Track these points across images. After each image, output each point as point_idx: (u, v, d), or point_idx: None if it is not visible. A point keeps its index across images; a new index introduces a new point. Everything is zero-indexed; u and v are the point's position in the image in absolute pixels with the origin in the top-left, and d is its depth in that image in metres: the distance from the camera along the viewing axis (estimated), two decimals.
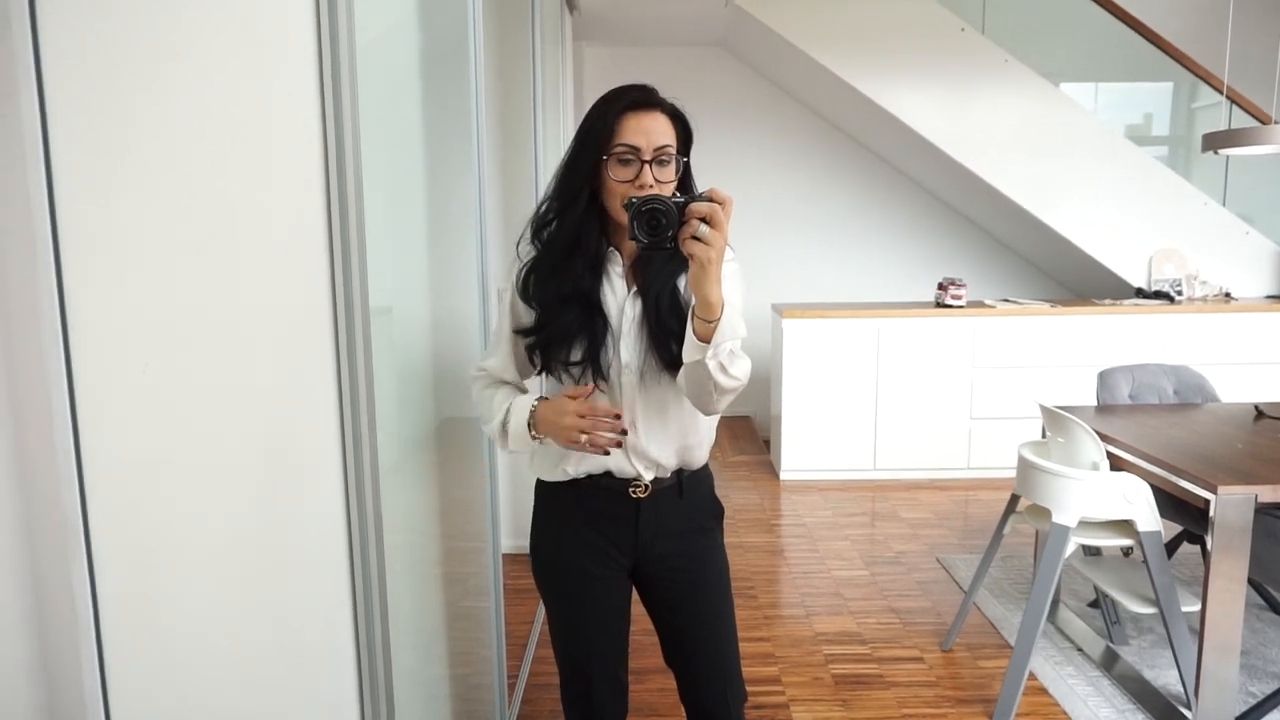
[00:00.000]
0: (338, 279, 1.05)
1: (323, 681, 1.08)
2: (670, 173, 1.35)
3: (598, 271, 1.39)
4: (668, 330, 1.37)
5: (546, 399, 1.41)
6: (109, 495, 0.65)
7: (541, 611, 2.98)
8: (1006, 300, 4.91)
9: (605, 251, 1.40)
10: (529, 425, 1.41)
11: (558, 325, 1.37)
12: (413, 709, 1.54)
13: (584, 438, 1.34)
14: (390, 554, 1.23)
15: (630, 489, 1.45)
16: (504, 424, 1.44)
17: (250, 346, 0.89)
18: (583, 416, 1.34)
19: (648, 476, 1.45)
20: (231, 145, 0.84)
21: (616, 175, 1.33)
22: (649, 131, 1.32)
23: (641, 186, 1.31)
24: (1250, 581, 2.60)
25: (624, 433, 1.37)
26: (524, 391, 1.52)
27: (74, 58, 0.63)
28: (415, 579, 1.66)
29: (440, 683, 1.81)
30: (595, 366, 1.38)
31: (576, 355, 1.38)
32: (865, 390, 4.60)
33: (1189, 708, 2.20)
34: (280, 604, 0.97)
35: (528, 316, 1.43)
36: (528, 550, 1.57)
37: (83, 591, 0.62)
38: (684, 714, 1.63)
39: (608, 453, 1.37)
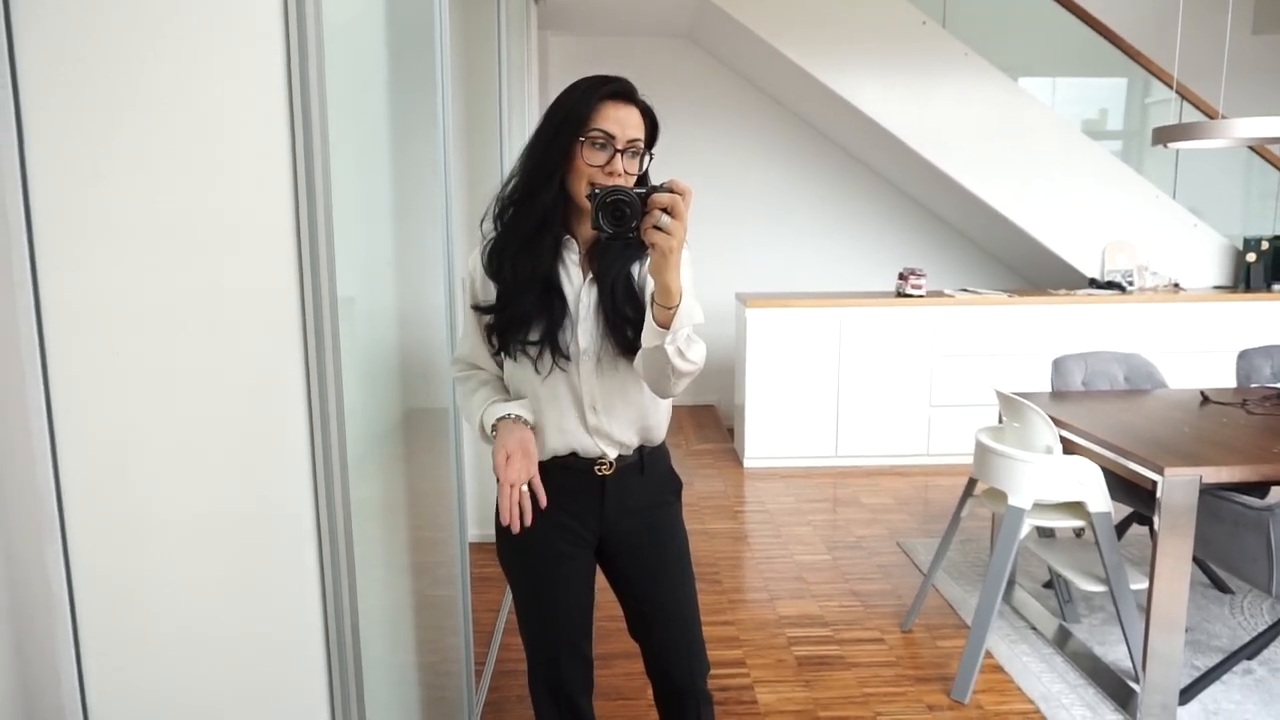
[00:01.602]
0: (305, 267, 1.05)
1: (293, 668, 1.08)
2: (636, 166, 1.39)
3: (556, 254, 1.42)
4: (624, 317, 1.40)
5: (506, 422, 1.42)
6: (82, 476, 0.65)
7: (508, 599, 2.99)
8: (965, 290, 5.00)
9: (563, 238, 1.42)
10: (491, 429, 1.44)
11: (517, 307, 1.40)
12: (382, 695, 1.55)
13: (504, 484, 1.37)
14: (359, 543, 1.24)
15: (595, 467, 1.48)
16: (481, 425, 1.47)
17: (219, 335, 0.89)
18: (511, 482, 1.36)
19: (612, 455, 1.48)
20: (201, 135, 0.84)
21: (590, 159, 1.35)
22: (624, 122, 1.36)
23: (612, 174, 1.34)
24: (1195, 560, 2.70)
25: (521, 522, 1.37)
26: (500, 381, 1.54)
27: (48, 50, 0.63)
28: (383, 568, 1.67)
29: (409, 670, 1.82)
30: (554, 346, 1.40)
31: (534, 335, 1.40)
32: (827, 379, 4.66)
33: (1137, 682, 2.29)
34: (250, 592, 0.98)
35: (485, 294, 1.45)
36: (493, 538, 1.59)
37: (57, 571, 0.63)
38: (649, 696, 1.66)
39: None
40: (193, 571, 0.83)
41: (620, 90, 1.37)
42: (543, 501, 1.38)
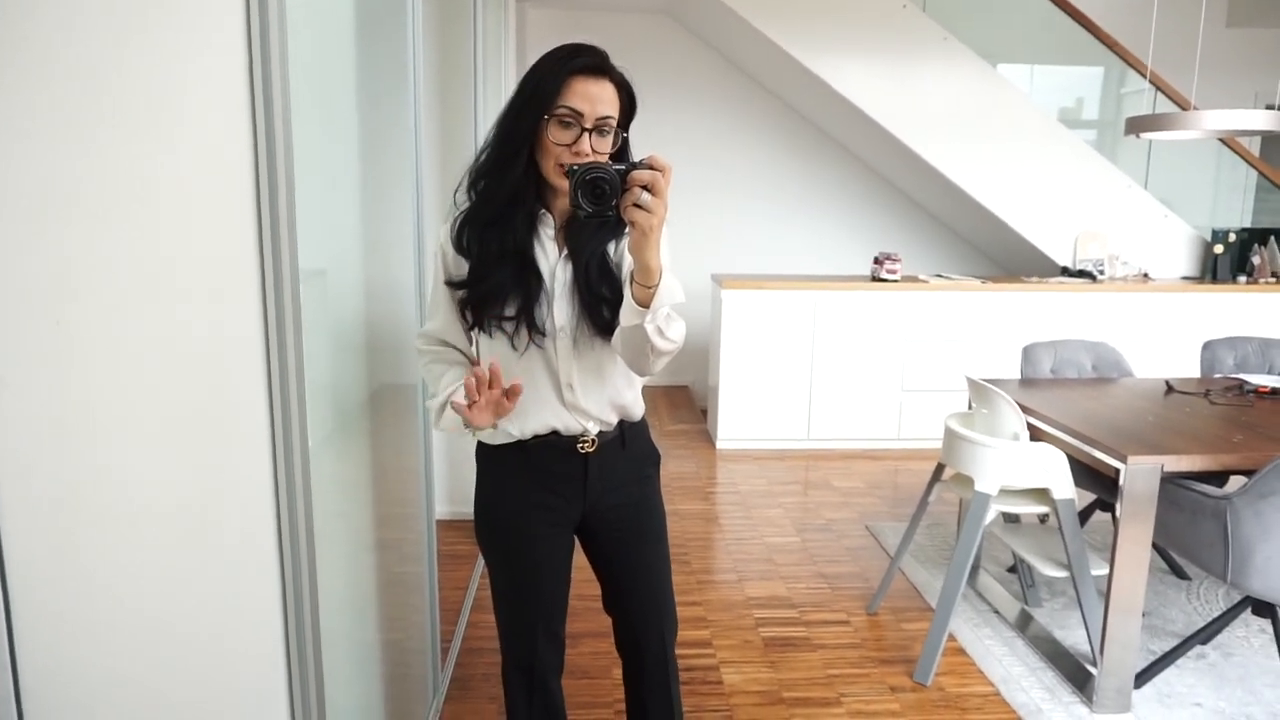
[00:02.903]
0: (265, 238, 1.02)
1: (248, 645, 1.07)
2: (607, 144, 1.35)
3: (531, 228, 1.39)
4: (599, 296, 1.38)
5: None
6: (15, 452, 0.63)
7: (476, 577, 2.98)
8: (939, 276, 5.03)
9: (538, 211, 1.40)
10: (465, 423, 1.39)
11: (492, 281, 1.37)
12: (342, 673, 1.53)
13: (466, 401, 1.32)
14: (321, 521, 1.22)
15: (579, 445, 1.47)
16: (443, 406, 1.45)
17: (171, 306, 0.86)
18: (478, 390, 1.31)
19: (593, 431, 1.47)
20: (153, 97, 0.81)
21: (555, 137, 1.32)
22: (595, 99, 1.31)
23: (578, 153, 1.31)
24: (1155, 547, 2.75)
25: (502, 396, 1.32)
26: (469, 364, 1.52)
27: None
28: (346, 546, 1.65)
29: (371, 647, 1.81)
30: (530, 322, 1.38)
31: (510, 311, 1.38)
32: (801, 361, 4.68)
33: (1095, 665, 2.33)
34: (202, 569, 0.96)
35: (458, 269, 1.42)
36: (462, 516, 1.58)
37: None
38: (615, 676, 1.67)
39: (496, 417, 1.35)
40: (140, 550, 0.81)
41: (591, 64, 1.32)
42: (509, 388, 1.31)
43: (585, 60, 1.32)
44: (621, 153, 1.39)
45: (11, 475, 0.64)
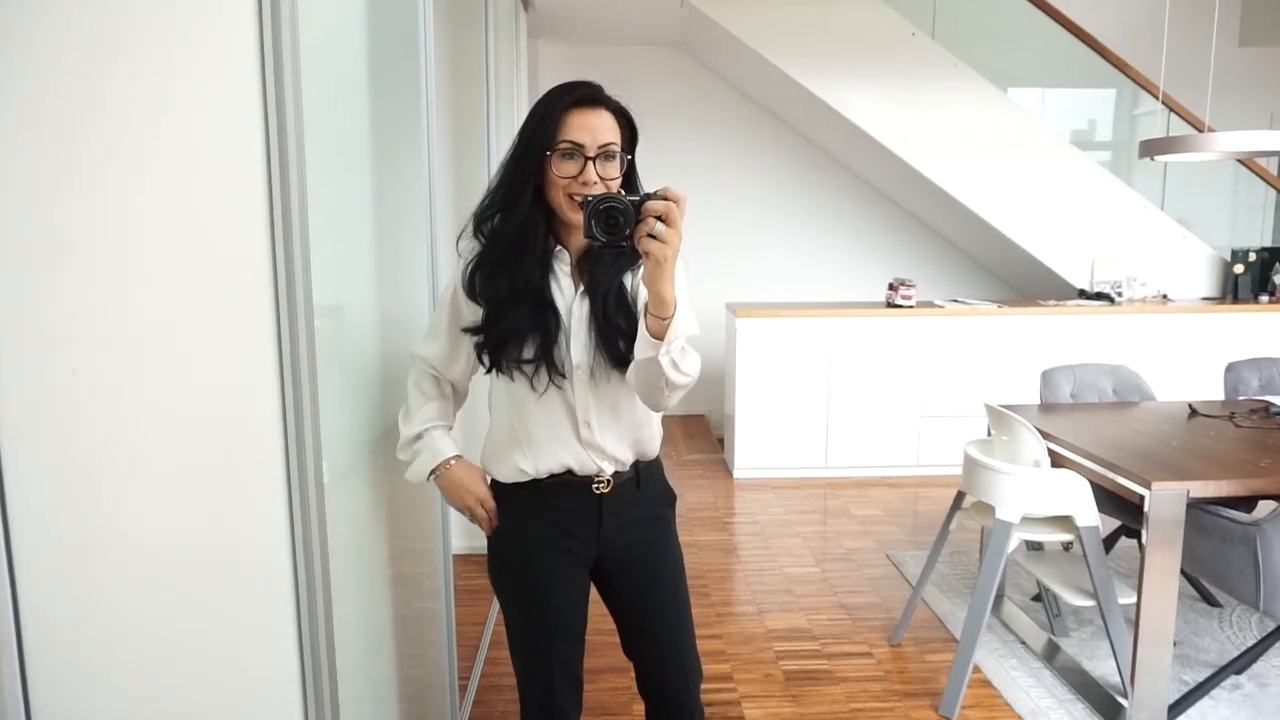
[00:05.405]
0: (280, 276, 1.03)
1: (264, 684, 1.06)
2: (615, 169, 1.36)
3: (546, 268, 1.39)
4: (615, 329, 1.38)
5: (462, 461, 1.52)
6: (30, 499, 0.63)
7: (494, 612, 2.96)
8: (955, 301, 5.01)
9: (552, 249, 1.40)
10: (429, 473, 1.51)
11: (509, 323, 1.37)
12: (359, 711, 1.52)
13: (468, 515, 1.53)
14: (336, 556, 1.21)
15: (594, 485, 1.46)
16: (412, 443, 1.53)
17: (186, 347, 0.87)
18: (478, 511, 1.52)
19: (608, 471, 1.46)
20: (166, 140, 0.82)
21: (560, 171, 1.33)
22: (594, 129, 1.33)
23: (585, 183, 1.32)
24: (1183, 574, 2.69)
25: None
26: (459, 397, 1.57)
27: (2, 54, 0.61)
28: (363, 582, 1.64)
29: (389, 684, 1.79)
30: (549, 363, 1.38)
31: (529, 353, 1.38)
32: (818, 389, 4.65)
33: (1125, 696, 2.27)
34: (218, 609, 0.95)
35: (472, 314, 1.42)
36: (479, 550, 1.57)
37: (3, 601, 0.60)
38: (635, 711, 1.64)
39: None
40: (157, 590, 0.81)
41: (585, 96, 1.34)
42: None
43: (580, 94, 1.34)
44: (629, 178, 1.40)
45: (29, 521, 0.65)
